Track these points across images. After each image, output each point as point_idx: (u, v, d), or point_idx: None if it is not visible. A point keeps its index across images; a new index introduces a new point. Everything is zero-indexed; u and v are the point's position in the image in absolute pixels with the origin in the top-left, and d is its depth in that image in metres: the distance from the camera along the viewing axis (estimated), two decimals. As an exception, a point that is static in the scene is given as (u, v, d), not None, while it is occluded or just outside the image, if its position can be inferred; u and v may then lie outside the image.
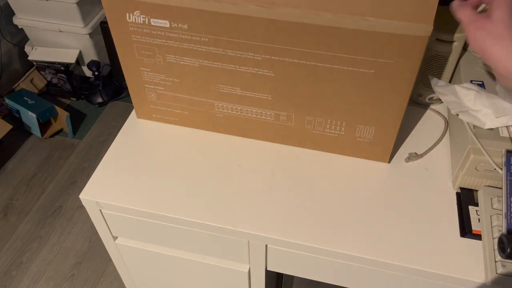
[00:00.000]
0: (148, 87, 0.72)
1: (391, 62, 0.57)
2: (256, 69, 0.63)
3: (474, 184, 0.64)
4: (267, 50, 0.60)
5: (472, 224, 0.62)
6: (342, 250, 0.61)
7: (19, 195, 1.69)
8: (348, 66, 0.58)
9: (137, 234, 0.74)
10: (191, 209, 0.66)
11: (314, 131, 0.69)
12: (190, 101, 0.71)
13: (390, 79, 0.59)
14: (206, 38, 0.61)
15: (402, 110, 0.62)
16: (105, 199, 0.68)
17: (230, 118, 0.72)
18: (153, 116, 0.77)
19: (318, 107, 0.65)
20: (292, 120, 0.69)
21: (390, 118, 0.64)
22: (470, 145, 0.61)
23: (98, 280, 1.45)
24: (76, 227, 1.59)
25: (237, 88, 0.66)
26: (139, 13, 0.61)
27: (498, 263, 0.56)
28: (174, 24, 0.60)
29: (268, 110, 0.68)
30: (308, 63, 0.60)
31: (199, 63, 0.65)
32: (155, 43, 0.64)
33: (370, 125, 0.66)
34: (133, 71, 0.70)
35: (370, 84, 0.60)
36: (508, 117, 0.61)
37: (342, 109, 0.65)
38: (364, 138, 0.68)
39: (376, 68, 0.58)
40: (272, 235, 0.63)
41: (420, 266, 0.59)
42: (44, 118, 1.82)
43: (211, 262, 0.74)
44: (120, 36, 0.65)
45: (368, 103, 0.63)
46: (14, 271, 1.47)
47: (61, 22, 1.86)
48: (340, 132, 0.68)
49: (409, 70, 0.57)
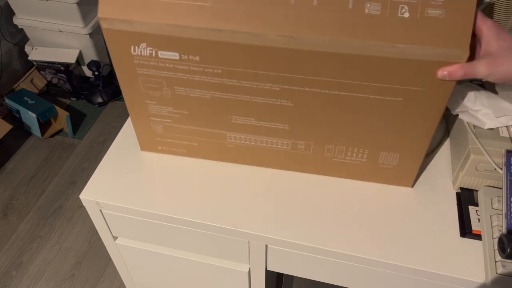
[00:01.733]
0: (154, 120, 0.67)
1: (421, 90, 0.53)
2: (274, 99, 0.59)
3: (474, 184, 0.64)
4: (287, 80, 0.56)
5: (472, 224, 0.62)
6: (342, 250, 0.61)
7: (19, 195, 1.69)
8: (374, 94, 0.55)
9: (137, 234, 0.74)
10: (191, 209, 0.66)
11: (333, 159, 0.65)
12: (200, 132, 0.67)
13: (419, 107, 0.55)
14: (220, 70, 0.57)
15: (429, 137, 0.59)
16: (105, 199, 0.68)
17: (242, 147, 0.68)
18: (159, 148, 0.72)
19: (339, 135, 0.62)
20: (311, 149, 0.65)
21: (416, 145, 0.60)
22: (470, 145, 0.61)
23: (98, 280, 1.44)
24: (76, 227, 1.59)
25: (252, 119, 0.62)
26: (145, 45, 0.56)
27: (498, 263, 0.56)
28: (185, 56, 0.56)
29: (284, 140, 0.64)
30: (331, 92, 0.56)
31: (211, 95, 0.61)
32: (163, 76, 0.60)
33: (395, 152, 0.62)
34: (137, 104, 0.65)
35: (397, 112, 0.56)
36: (508, 117, 0.61)
37: (366, 137, 0.61)
38: (388, 165, 0.64)
39: (404, 96, 0.54)
40: (272, 235, 0.63)
41: (420, 266, 0.59)
42: (44, 118, 1.82)
43: (211, 262, 0.74)
44: (124, 69, 0.60)
45: (394, 131, 0.59)
46: (14, 271, 1.47)
47: (61, 22, 1.86)
48: (362, 159, 0.64)
49: (440, 97, 0.54)
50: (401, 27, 0.49)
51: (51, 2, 1.78)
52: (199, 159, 0.72)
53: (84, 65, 2.03)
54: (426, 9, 0.48)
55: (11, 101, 1.86)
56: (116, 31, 0.55)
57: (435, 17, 0.48)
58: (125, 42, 0.56)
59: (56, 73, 1.94)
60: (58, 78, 1.97)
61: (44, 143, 1.88)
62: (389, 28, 0.49)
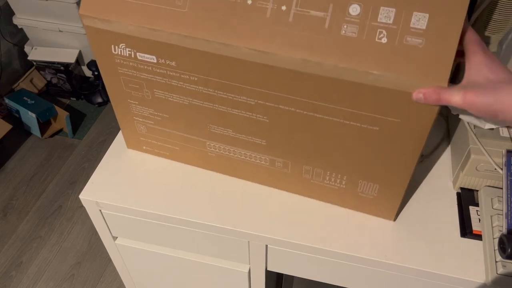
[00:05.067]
0: (137, 120, 0.67)
1: (398, 121, 0.50)
2: (249, 113, 0.57)
3: (475, 184, 0.63)
4: (261, 96, 0.54)
5: (472, 224, 0.62)
6: (342, 250, 0.61)
7: (19, 195, 1.69)
8: (349, 120, 0.52)
9: (137, 234, 0.74)
10: (191, 209, 0.66)
11: (312, 181, 0.63)
12: (180, 137, 0.66)
13: (396, 139, 0.52)
14: (196, 77, 0.56)
15: (409, 171, 0.55)
16: (105, 199, 0.68)
17: (222, 158, 0.66)
18: (143, 148, 0.72)
19: (316, 157, 0.59)
20: (289, 168, 0.63)
21: (396, 178, 0.57)
22: (471, 145, 0.61)
23: (98, 280, 1.44)
24: (76, 227, 1.58)
25: (229, 130, 0.61)
26: (124, 46, 0.56)
27: (499, 263, 0.56)
28: (162, 60, 0.56)
29: (262, 155, 0.63)
30: (305, 113, 0.54)
31: (188, 101, 0.60)
32: (143, 77, 0.59)
33: (374, 182, 0.59)
34: (121, 103, 0.65)
35: (374, 141, 0.53)
36: (509, 117, 0.61)
37: (343, 163, 0.58)
38: (367, 194, 0.61)
39: (380, 126, 0.51)
40: (272, 235, 0.63)
41: (420, 266, 0.59)
42: (44, 118, 1.82)
43: (211, 262, 0.74)
44: (107, 67, 0.60)
45: (371, 160, 0.56)
46: (13, 271, 1.47)
47: (61, 22, 1.86)
48: (340, 185, 0.61)
49: (418, 132, 0.50)
50: (377, 53, 0.46)
51: (51, 2, 1.78)
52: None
53: (84, 65, 2.03)
54: (405, 36, 0.45)
55: (10, 101, 1.86)
56: (97, 29, 0.55)
57: (415, 46, 0.45)
58: (106, 40, 0.56)
59: (56, 73, 1.94)
60: (58, 78, 1.97)
61: (44, 143, 1.88)
62: (364, 53, 0.46)
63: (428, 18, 0.45)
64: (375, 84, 0.47)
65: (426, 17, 0.45)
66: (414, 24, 0.45)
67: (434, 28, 0.45)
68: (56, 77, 1.96)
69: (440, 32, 0.44)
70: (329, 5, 0.47)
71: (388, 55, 0.46)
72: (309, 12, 0.48)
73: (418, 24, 0.45)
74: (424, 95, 0.45)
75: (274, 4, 0.49)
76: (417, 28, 0.45)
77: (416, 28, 0.45)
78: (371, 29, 0.46)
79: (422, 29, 0.45)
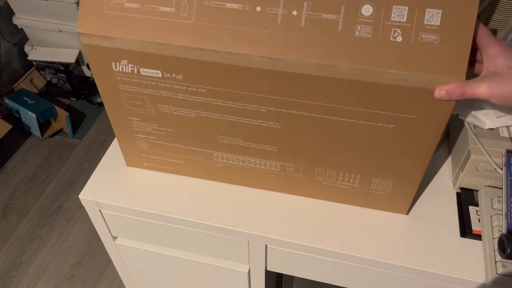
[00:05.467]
0: (139, 136, 0.65)
1: (415, 118, 0.50)
2: (261, 121, 0.56)
3: (474, 184, 0.63)
4: (273, 102, 0.53)
5: (472, 224, 0.62)
6: (342, 250, 0.61)
7: (19, 195, 1.69)
8: (365, 120, 0.52)
9: (136, 234, 0.74)
10: (191, 209, 0.66)
11: (324, 183, 0.63)
12: (185, 151, 0.65)
13: (412, 135, 0.52)
14: (204, 89, 0.54)
15: (424, 166, 0.56)
16: (104, 199, 0.68)
17: (230, 167, 0.65)
18: (145, 164, 0.70)
19: (330, 159, 0.59)
20: (300, 172, 0.62)
21: (410, 173, 0.57)
22: (471, 145, 0.61)
23: (98, 280, 1.44)
24: (76, 227, 1.58)
25: (238, 139, 0.60)
26: (126, 62, 0.54)
27: (498, 263, 0.56)
28: (167, 74, 0.54)
29: (273, 161, 0.62)
30: (319, 116, 0.53)
31: (195, 114, 0.58)
32: (146, 93, 0.57)
33: (388, 179, 0.59)
34: (121, 120, 0.63)
35: (390, 139, 0.53)
36: (509, 117, 0.61)
37: (357, 163, 0.58)
38: (381, 191, 0.61)
39: (397, 123, 0.51)
40: (272, 235, 0.63)
41: (420, 266, 0.59)
42: (43, 118, 1.82)
43: (211, 262, 0.74)
44: (106, 85, 0.58)
45: (386, 158, 0.56)
46: (13, 271, 1.47)
47: (61, 22, 1.86)
48: (354, 184, 0.61)
49: (435, 126, 0.50)
50: (393, 52, 0.46)
51: (51, 2, 1.78)
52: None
53: (84, 65, 2.02)
54: (420, 34, 0.45)
55: (10, 101, 1.86)
56: (96, 47, 0.53)
57: (430, 42, 0.45)
58: (106, 58, 0.54)
59: (56, 73, 1.94)
60: (58, 78, 1.96)
61: (44, 143, 1.88)
62: (380, 53, 0.46)
63: (442, 13, 0.45)
64: (393, 83, 0.47)
65: (440, 13, 0.45)
66: (428, 21, 0.45)
67: (448, 24, 0.45)
68: (56, 77, 1.96)
69: (454, 27, 0.45)
70: (341, 7, 0.47)
71: (404, 53, 0.46)
72: (321, 16, 0.47)
73: (432, 20, 0.45)
74: (446, 91, 0.46)
75: (284, 9, 0.48)
76: (431, 25, 0.45)
77: (430, 25, 0.45)
78: (385, 29, 0.46)
79: (436, 25, 0.45)
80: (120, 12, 0.51)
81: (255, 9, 0.48)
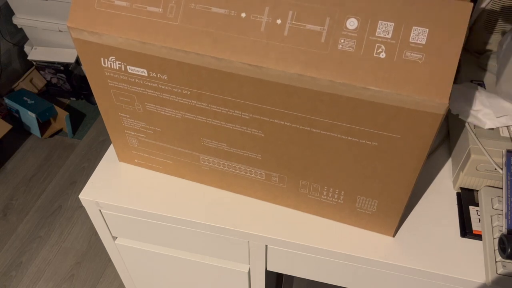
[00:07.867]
0: (129, 133, 0.65)
1: (397, 137, 0.48)
2: (244, 127, 0.56)
3: (475, 184, 0.63)
4: (256, 110, 0.53)
5: (472, 224, 0.62)
6: (342, 250, 0.61)
7: (19, 195, 1.69)
8: (347, 135, 0.51)
9: (136, 234, 0.74)
10: (191, 209, 0.66)
11: (309, 196, 0.62)
12: (173, 151, 0.65)
13: (396, 154, 0.50)
14: (188, 91, 0.54)
15: (409, 187, 0.54)
16: (104, 199, 0.68)
17: (216, 172, 0.65)
18: (135, 161, 0.71)
19: (313, 172, 0.58)
20: (285, 182, 0.61)
21: (395, 194, 0.55)
22: (471, 145, 0.61)
23: (97, 280, 1.44)
24: (76, 227, 1.59)
25: (223, 144, 0.60)
26: (114, 59, 0.54)
27: (499, 263, 0.56)
28: (153, 74, 0.54)
29: (258, 169, 0.61)
30: (301, 128, 0.52)
31: (181, 115, 0.58)
32: (133, 91, 0.58)
33: (373, 198, 0.57)
34: (112, 116, 0.64)
35: (373, 156, 0.52)
36: (509, 117, 0.61)
37: (340, 178, 0.57)
38: (366, 210, 0.60)
39: (379, 141, 0.50)
40: (272, 235, 0.63)
41: (420, 266, 0.59)
42: (43, 118, 1.82)
43: (211, 262, 0.74)
44: (97, 80, 0.59)
45: (369, 176, 0.55)
46: (13, 271, 1.47)
47: (61, 22, 1.86)
48: (338, 200, 0.60)
49: (419, 147, 0.49)
50: (375, 68, 0.45)
51: (51, 2, 1.78)
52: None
53: (84, 65, 2.03)
54: (404, 51, 0.44)
55: (10, 101, 1.86)
56: (85, 42, 0.54)
57: (414, 61, 0.44)
58: (95, 53, 0.55)
59: (56, 73, 1.94)
60: (58, 78, 1.97)
61: (43, 143, 1.88)
62: (362, 68, 0.45)
63: (428, 32, 0.43)
64: (373, 100, 0.46)
65: (426, 32, 0.44)
66: (413, 39, 0.44)
67: (434, 43, 0.43)
68: (56, 77, 1.96)
69: (441, 47, 0.43)
70: (326, 18, 0.46)
71: (386, 70, 0.44)
72: (305, 26, 0.47)
73: (418, 38, 0.44)
74: None
75: (269, 17, 0.47)
76: (417, 43, 0.44)
77: (416, 43, 0.44)
78: (369, 44, 0.45)
79: (422, 43, 0.44)
80: (109, 9, 0.52)
81: (240, 15, 0.48)
